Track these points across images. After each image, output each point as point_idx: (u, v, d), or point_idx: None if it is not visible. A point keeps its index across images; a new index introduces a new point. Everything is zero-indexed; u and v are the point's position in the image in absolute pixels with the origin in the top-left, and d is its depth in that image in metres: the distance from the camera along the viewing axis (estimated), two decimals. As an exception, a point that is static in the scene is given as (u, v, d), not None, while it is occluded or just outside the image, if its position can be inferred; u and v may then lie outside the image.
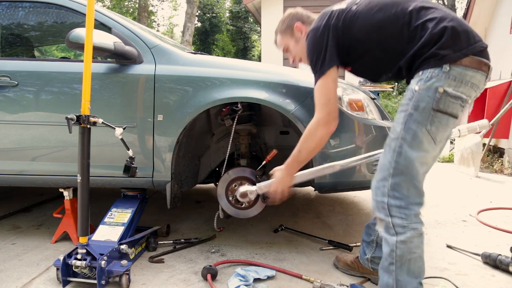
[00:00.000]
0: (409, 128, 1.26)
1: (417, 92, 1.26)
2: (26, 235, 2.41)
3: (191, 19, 12.19)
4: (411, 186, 1.28)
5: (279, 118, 2.40)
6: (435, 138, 1.27)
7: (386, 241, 1.31)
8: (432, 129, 1.25)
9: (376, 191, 1.33)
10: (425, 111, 1.25)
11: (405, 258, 1.27)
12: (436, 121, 1.25)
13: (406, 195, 1.27)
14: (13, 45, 2.92)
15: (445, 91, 1.23)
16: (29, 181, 2.24)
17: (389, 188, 1.28)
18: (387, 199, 1.29)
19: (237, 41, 19.75)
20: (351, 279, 1.83)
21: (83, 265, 1.66)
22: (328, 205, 3.10)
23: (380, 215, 1.32)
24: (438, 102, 1.24)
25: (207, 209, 2.97)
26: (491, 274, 1.91)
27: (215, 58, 2.27)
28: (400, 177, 1.27)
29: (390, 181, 1.28)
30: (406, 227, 1.27)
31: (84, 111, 1.69)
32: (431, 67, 1.25)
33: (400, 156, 1.27)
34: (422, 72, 1.27)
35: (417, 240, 1.28)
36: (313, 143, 1.52)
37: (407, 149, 1.26)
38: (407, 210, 1.27)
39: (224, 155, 2.35)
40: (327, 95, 1.46)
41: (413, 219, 1.28)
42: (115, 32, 2.12)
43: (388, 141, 1.33)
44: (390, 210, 1.28)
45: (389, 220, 1.29)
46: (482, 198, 3.42)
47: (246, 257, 2.08)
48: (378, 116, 2.19)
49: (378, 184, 1.33)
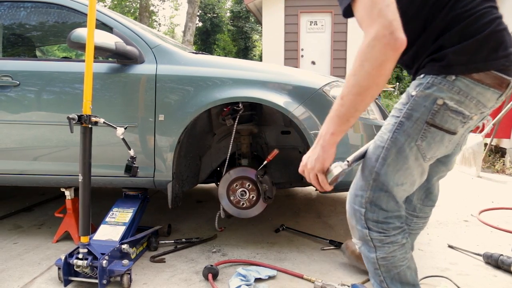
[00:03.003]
0: (397, 139, 1.10)
1: (413, 98, 1.08)
2: (28, 235, 2.41)
3: (192, 19, 12.20)
4: (390, 200, 1.14)
5: (280, 118, 2.40)
6: (425, 155, 1.11)
7: (366, 257, 1.20)
8: (422, 144, 1.08)
9: (354, 198, 1.19)
10: (418, 123, 1.07)
11: (393, 273, 1.17)
12: (429, 136, 1.07)
13: (384, 209, 1.14)
14: (15, 45, 2.93)
15: (445, 104, 1.04)
16: (31, 181, 2.24)
17: (367, 200, 1.15)
18: (364, 210, 1.16)
19: (238, 41, 19.75)
20: (353, 279, 1.82)
21: (85, 264, 1.66)
22: (330, 205, 3.10)
23: (357, 225, 1.18)
24: (435, 115, 1.05)
25: (208, 209, 2.97)
26: (493, 275, 1.90)
27: (216, 58, 2.27)
28: (379, 190, 1.13)
29: (368, 193, 1.14)
30: (384, 241, 1.15)
31: (86, 111, 1.69)
32: (435, 73, 1.06)
33: (382, 167, 1.12)
34: (424, 75, 1.08)
35: (399, 252, 1.16)
36: (371, 72, 0.96)
37: (391, 162, 1.11)
38: (385, 224, 1.15)
39: (225, 155, 2.35)
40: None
41: (391, 231, 1.15)
42: (117, 32, 2.12)
43: (372, 146, 1.17)
44: (367, 222, 1.16)
45: (366, 232, 1.16)
46: (484, 198, 3.41)
47: (247, 256, 2.08)
48: (379, 115, 2.19)
49: (357, 192, 1.18)
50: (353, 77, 0.99)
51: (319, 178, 1.11)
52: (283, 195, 3.40)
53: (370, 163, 1.14)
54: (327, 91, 2.03)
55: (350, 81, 1.00)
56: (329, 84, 2.07)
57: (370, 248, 1.17)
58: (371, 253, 1.17)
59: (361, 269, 1.85)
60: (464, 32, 1.03)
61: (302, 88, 2.04)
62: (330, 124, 1.07)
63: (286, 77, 2.08)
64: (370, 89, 0.98)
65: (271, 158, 2.12)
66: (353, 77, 0.99)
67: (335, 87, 2.08)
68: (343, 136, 1.09)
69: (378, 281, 1.20)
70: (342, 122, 1.05)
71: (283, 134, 2.55)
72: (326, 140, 1.07)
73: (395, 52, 0.93)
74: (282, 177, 2.57)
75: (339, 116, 1.04)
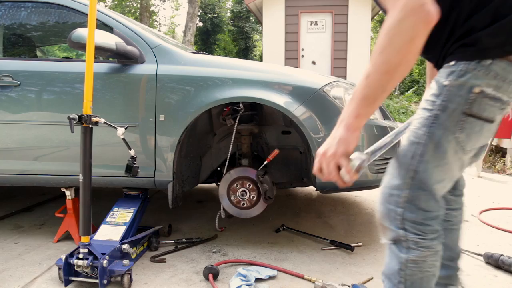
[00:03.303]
0: (433, 133, 1.02)
1: (446, 89, 0.99)
2: (28, 235, 2.41)
3: (192, 19, 12.20)
4: (430, 198, 1.07)
5: (280, 118, 2.40)
6: (465, 147, 1.03)
7: (395, 255, 1.12)
8: (461, 137, 1.01)
9: (388, 198, 1.11)
10: (455, 114, 0.99)
11: (416, 277, 1.10)
12: (468, 127, 1.00)
13: (423, 209, 1.07)
14: (15, 45, 2.93)
15: (482, 91, 0.96)
16: (31, 181, 2.25)
17: (405, 199, 1.07)
18: (402, 210, 1.07)
19: (239, 41, 19.74)
20: (353, 279, 1.82)
21: (85, 264, 1.67)
22: (330, 205, 3.10)
23: (391, 225, 1.10)
24: (472, 105, 0.97)
25: (208, 209, 2.97)
26: (493, 275, 1.90)
27: (216, 58, 2.27)
28: (417, 188, 1.06)
29: (406, 192, 1.07)
30: (419, 243, 1.07)
31: (86, 111, 1.69)
32: (467, 58, 0.97)
33: (420, 164, 1.04)
34: (455, 62, 0.99)
35: (431, 259, 1.10)
36: (401, 48, 0.90)
37: (429, 159, 1.04)
38: (423, 226, 1.07)
39: (225, 155, 2.35)
40: None
41: (428, 235, 1.08)
42: (117, 32, 2.13)
43: (406, 143, 1.09)
44: (404, 223, 1.08)
45: (402, 233, 1.09)
46: (484, 198, 3.41)
47: (247, 257, 2.08)
48: (379, 116, 2.19)
49: (392, 191, 1.10)
50: (380, 55, 0.91)
51: (343, 165, 1.01)
52: (284, 195, 3.40)
53: (406, 161, 1.07)
54: (327, 91, 2.03)
55: (376, 59, 0.93)
56: (330, 84, 2.07)
57: (403, 249, 1.10)
58: (403, 253, 1.09)
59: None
60: (498, 10, 0.95)
61: (303, 88, 2.04)
62: (354, 106, 0.99)
63: (286, 77, 2.08)
64: (400, 67, 0.92)
65: (271, 158, 2.13)
66: (380, 55, 0.91)
67: (335, 87, 2.08)
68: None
69: (395, 282, 1.12)
70: (368, 104, 0.98)
71: (283, 134, 2.55)
72: (350, 123, 0.99)
73: (426, 26, 0.88)
74: (282, 177, 2.57)
75: (365, 97, 0.97)
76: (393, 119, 2.25)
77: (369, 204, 3.14)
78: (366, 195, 3.37)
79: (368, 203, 3.17)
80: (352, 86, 2.18)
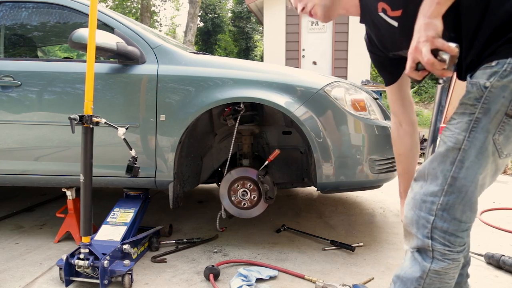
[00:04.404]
0: (476, 138, 0.98)
1: (489, 90, 0.96)
2: (29, 235, 2.41)
3: (193, 19, 12.20)
4: (467, 209, 1.03)
5: (281, 118, 2.40)
6: (502, 151, 1.00)
7: (417, 263, 1.08)
8: (500, 139, 0.98)
9: (420, 204, 1.06)
10: (497, 116, 0.96)
11: (434, 286, 1.07)
12: (508, 129, 0.97)
13: (458, 219, 1.03)
14: (16, 46, 2.93)
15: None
16: (32, 181, 2.25)
17: (439, 206, 1.03)
18: (434, 218, 1.03)
19: (240, 41, 19.75)
20: (354, 279, 1.82)
21: (86, 264, 1.67)
22: (331, 205, 3.09)
23: (417, 233, 1.06)
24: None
25: (209, 209, 2.97)
26: (494, 275, 1.90)
27: (217, 58, 2.27)
28: (455, 196, 1.02)
29: (442, 199, 1.02)
30: (446, 255, 1.04)
31: (87, 111, 1.69)
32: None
33: (460, 171, 1.00)
34: (498, 62, 0.95)
35: (453, 271, 1.07)
36: None
37: (470, 165, 0.99)
38: (453, 237, 1.03)
39: (226, 155, 2.35)
40: None
41: (457, 247, 1.04)
42: (118, 33, 2.13)
43: (443, 149, 1.04)
44: (433, 231, 1.04)
45: (428, 242, 1.05)
46: (485, 198, 3.40)
47: (248, 257, 2.08)
48: (380, 116, 2.19)
49: (426, 197, 1.05)
50: None
51: (440, 45, 0.91)
52: (284, 195, 3.40)
53: (444, 167, 1.02)
54: (328, 91, 2.03)
55: None
56: (330, 84, 2.07)
57: (427, 258, 1.06)
58: (427, 262, 1.06)
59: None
60: None
61: (303, 88, 2.03)
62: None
63: (287, 77, 2.08)
64: None
65: (272, 158, 2.13)
66: None
67: (336, 87, 2.08)
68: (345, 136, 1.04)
69: (412, 287, 1.08)
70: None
71: (284, 134, 2.55)
72: (431, 11, 0.93)
73: None
74: (283, 177, 2.57)
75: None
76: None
77: (370, 204, 3.14)
78: (367, 196, 3.37)
79: (369, 203, 3.17)
80: (352, 87, 2.18)
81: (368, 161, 2.04)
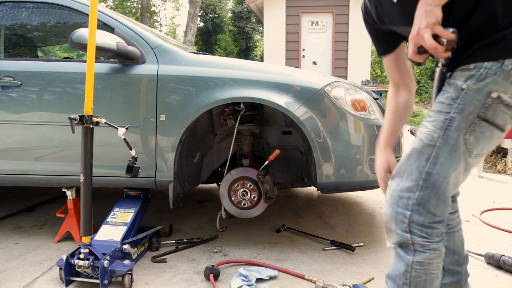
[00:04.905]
0: (449, 136, 1.04)
1: (464, 92, 1.01)
2: (29, 235, 2.41)
3: (193, 19, 12.21)
4: (440, 203, 1.08)
5: (281, 118, 2.40)
6: (472, 150, 1.05)
7: (401, 258, 1.14)
8: (470, 139, 1.03)
9: (397, 200, 1.12)
10: (470, 117, 1.01)
11: (421, 279, 1.13)
12: (478, 131, 1.02)
13: (432, 212, 1.08)
14: (16, 46, 2.93)
15: (499, 97, 0.98)
16: (32, 181, 2.25)
17: (415, 201, 1.08)
18: (410, 213, 1.09)
19: (240, 41, 19.76)
20: (354, 279, 1.82)
21: (86, 264, 1.67)
22: (331, 205, 3.09)
23: (396, 228, 1.12)
24: (487, 110, 1.00)
25: (209, 209, 2.97)
26: (494, 275, 1.90)
27: (217, 58, 2.27)
28: (429, 191, 1.07)
29: (417, 194, 1.08)
30: (426, 246, 1.10)
31: (87, 111, 1.69)
32: (490, 59, 0.98)
33: (434, 167, 1.06)
34: (475, 65, 1.00)
35: (436, 261, 1.12)
36: None
37: (444, 161, 1.05)
38: (429, 229, 1.09)
39: (226, 155, 2.35)
40: None
41: (434, 238, 1.10)
42: (118, 33, 2.13)
43: (419, 145, 1.09)
44: (411, 225, 1.09)
45: (407, 236, 1.10)
46: (485, 198, 3.40)
47: (248, 257, 2.08)
48: (380, 116, 2.19)
49: (402, 194, 1.11)
50: None
51: (439, 31, 0.95)
52: (284, 195, 3.40)
53: (420, 163, 1.08)
54: (328, 91, 2.03)
55: None
56: (331, 84, 2.07)
57: (409, 251, 1.12)
58: (409, 255, 1.11)
59: (363, 269, 1.85)
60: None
61: (303, 88, 2.04)
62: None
63: (287, 77, 2.08)
64: None
65: (272, 158, 2.13)
66: None
67: (336, 87, 2.08)
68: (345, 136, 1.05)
69: (400, 283, 1.14)
70: None
71: (284, 134, 2.56)
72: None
73: None
74: (283, 177, 2.57)
75: None
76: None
77: (370, 204, 3.14)
78: (367, 196, 3.37)
79: (369, 203, 3.17)
80: (352, 87, 2.18)
81: (368, 161, 2.04)
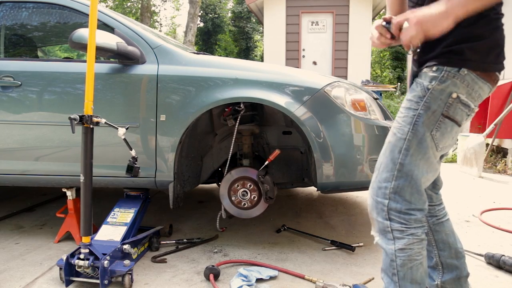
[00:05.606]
0: (417, 130, 1.18)
1: (430, 92, 1.16)
2: (29, 235, 2.42)
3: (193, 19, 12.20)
4: (414, 191, 1.21)
5: (281, 118, 2.40)
6: (438, 144, 1.20)
7: (384, 250, 1.25)
8: (436, 135, 1.18)
9: (377, 191, 1.26)
10: (435, 115, 1.16)
11: (407, 267, 1.22)
12: (443, 127, 1.17)
13: (408, 200, 1.21)
14: (16, 46, 2.93)
15: (458, 97, 1.15)
16: (32, 181, 2.25)
17: (391, 190, 1.21)
18: (388, 201, 1.22)
19: (240, 41, 19.77)
20: (354, 279, 1.82)
21: (86, 264, 1.67)
22: (331, 205, 3.09)
23: (378, 217, 1.25)
24: (449, 108, 1.15)
25: (209, 209, 2.97)
26: (494, 275, 1.90)
27: (217, 58, 2.27)
28: (404, 180, 1.20)
29: (393, 183, 1.21)
30: (404, 232, 1.20)
31: (87, 111, 1.69)
32: (450, 64, 1.14)
33: (406, 158, 1.19)
34: (437, 68, 1.15)
35: (417, 246, 1.22)
36: None
37: (414, 152, 1.19)
38: (407, 215, 1.21)
39: (226, 155, 2.35)
40: None
41: (412, 223, 1.21)
42: (118, 33, 2.13)
43: (393, 139, 1.24)
44: (390, 213, 1.22)
45: (387, 223, 1.22)
46: (485, 198, 3.40)
47: (248, 257, 2.08)
48: (380, 116, 2.19)
49: (381, 184, 1.25)
50: None
51: (414, 42, 1.09)
52: (285, 196, 3.40)
53: (394, 155, 1.22)
54: (328, 92, 2.03)
55: None
56: (331, 84, 2.07)
57: (389, 241, 1.22)
58: (390, 244, 1.22)
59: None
60: (476, 32, 1.11)
61: (304, 88, 2.04)
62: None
63: (287, 77, 2.08)
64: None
65: (272, 159, 2.13)
66: None
67: (336, 87, 2.08)
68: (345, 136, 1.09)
69: (390, 275, 1.24)
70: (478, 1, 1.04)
71: (284, 134, 2.56)
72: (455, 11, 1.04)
73: None
74: (283, 177, 2.57)
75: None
76: (393, 119, 2.25)
77: (370, 204, 3.13)
78: (367, 195, 3.36)
79: (369, 203, 3.16)
80: (352, 87, 2.18)
81: (368, 161, 2.04)
